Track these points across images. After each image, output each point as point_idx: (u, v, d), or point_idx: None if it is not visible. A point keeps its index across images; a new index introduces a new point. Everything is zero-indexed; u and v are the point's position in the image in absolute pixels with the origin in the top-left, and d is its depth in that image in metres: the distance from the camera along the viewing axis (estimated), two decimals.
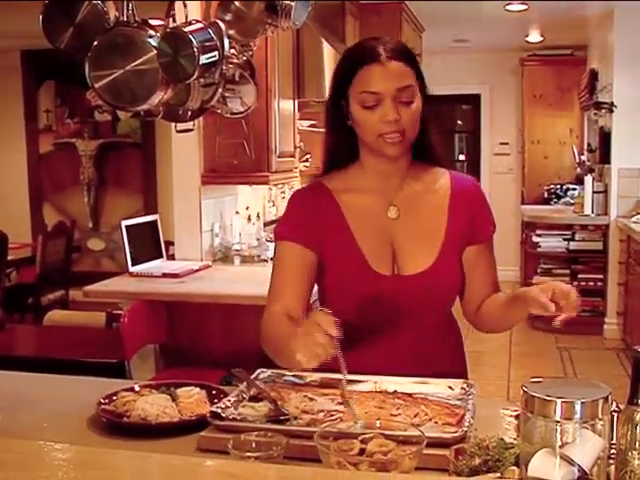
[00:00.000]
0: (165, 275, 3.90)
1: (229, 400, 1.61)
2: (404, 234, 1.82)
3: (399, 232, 1.83)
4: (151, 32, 2.29)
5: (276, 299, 1.82)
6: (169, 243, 4.55)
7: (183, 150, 4.19)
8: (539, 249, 7.19)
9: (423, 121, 1.81)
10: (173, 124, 3.21)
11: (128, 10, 2.29)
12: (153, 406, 1.64)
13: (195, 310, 3.70)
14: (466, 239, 1.84)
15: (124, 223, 4.05)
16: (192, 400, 1.69)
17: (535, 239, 7.21)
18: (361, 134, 1.81)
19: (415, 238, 1.82)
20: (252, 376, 1.76)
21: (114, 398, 1.71)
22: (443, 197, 1.86)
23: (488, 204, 1.91)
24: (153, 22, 2.34)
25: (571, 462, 1.15)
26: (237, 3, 2.54)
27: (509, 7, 6.54)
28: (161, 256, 4.29)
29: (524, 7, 6.53)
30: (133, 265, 4.01)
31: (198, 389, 1.75)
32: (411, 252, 1.81)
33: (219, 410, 1.55)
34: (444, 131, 9.79)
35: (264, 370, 1.81)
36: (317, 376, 1.75)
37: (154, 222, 4.33)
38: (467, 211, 1.84)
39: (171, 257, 4.41)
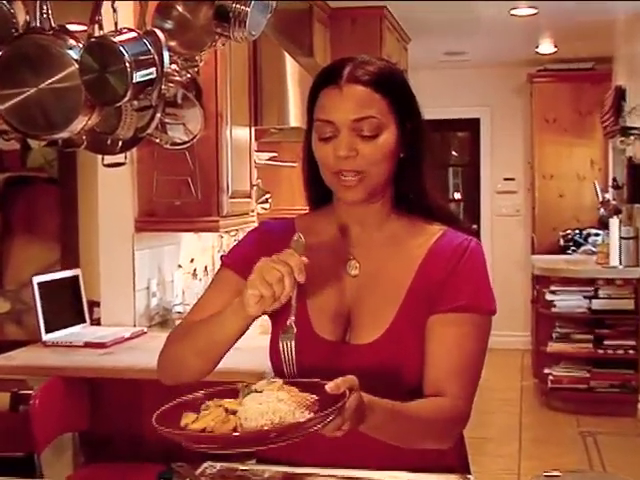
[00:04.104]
0: (88, 345, 3.87)
1: None
2: (362, 295, 1.85)
3: (358, 292, 1.85)
4: (71, 42, 2.30)
5: (197, 313, 1.92)
6: (94, 304, 4.51)
7: (112, 189, 4.19)
8: (554, 309, 7.23)
9: (409, 162, 1.84)
10: (99, 156, 3.22)
11: (42, 13, 2.30)
12: None
13: (126, 389, 3.66)
14: (431, 306, 1.81)
15: (36, 279, 4.02)
16: None
17: (549, 297, 7.24)
18: (320, 171, 1.85)
19: (373, 301, 1.84)
20: (197, 471, 1.75)
21: None
22: (417, 256, 1.85)
23: (480, 272, 1.85)
24: (74, 28, 2.36)
25: None
26: (179, 8, 2.57)
27: (515, 11, 6.61)
28: (83, 321, 4.26)
29: (533, 11, 6.60)
30: (47, 332, 3.97)
31: None
32: (366, 317, 1.83)
33: None
34: (435, 165, 9.88)
35: (212, 464, 1.80)
36: (276, 470, 1.75)
37: (74, 278, 4.31)
38: (441, 272, 1.81)
39: (96, 322, 4.38)
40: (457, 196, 10.09)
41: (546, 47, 8.30)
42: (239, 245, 2.05)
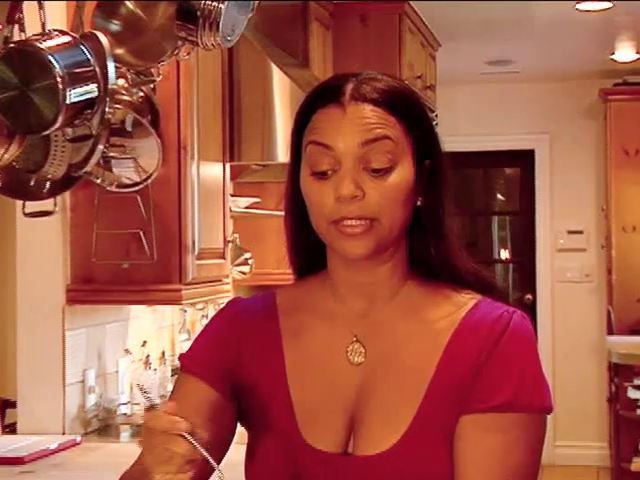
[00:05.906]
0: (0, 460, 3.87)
1: None
2: (370, 389, 1.84)
3: (363, 385, 1.85)
4: None
5: None
6: (8, 404, 4.51)
7: (35, 246, 4.20)
8: None
9: (427, 213, 1.85)
10: (19, 202, 3.23)
11: None
12: None
13: None
14: (463, 402, 1.80)
15: None
16: None
17: (633, 394, 7.24)
18: (311, 219, 1.84)
19: (385, 396, 1.83)
20: None
21: None
22: (442, 334, 1.84)
23: (528, 356, 1.83)
24: None
25: None
26: (129, 4, 2.59)
27: (582, 5, 6.60)
28: None
29: (607, 5, 6.59)
30: None
31: None
32: (375, 419, 1.82)
33: None
34: (475, 212, 9.89)
35: None
36: None
37: None
38: (474, 357, 1.80)
39: (10, 429, 4.37)
40: (504, 255, 10.09)
41: (625, 53, 8.34)
42: (201, 338, 2.03)
